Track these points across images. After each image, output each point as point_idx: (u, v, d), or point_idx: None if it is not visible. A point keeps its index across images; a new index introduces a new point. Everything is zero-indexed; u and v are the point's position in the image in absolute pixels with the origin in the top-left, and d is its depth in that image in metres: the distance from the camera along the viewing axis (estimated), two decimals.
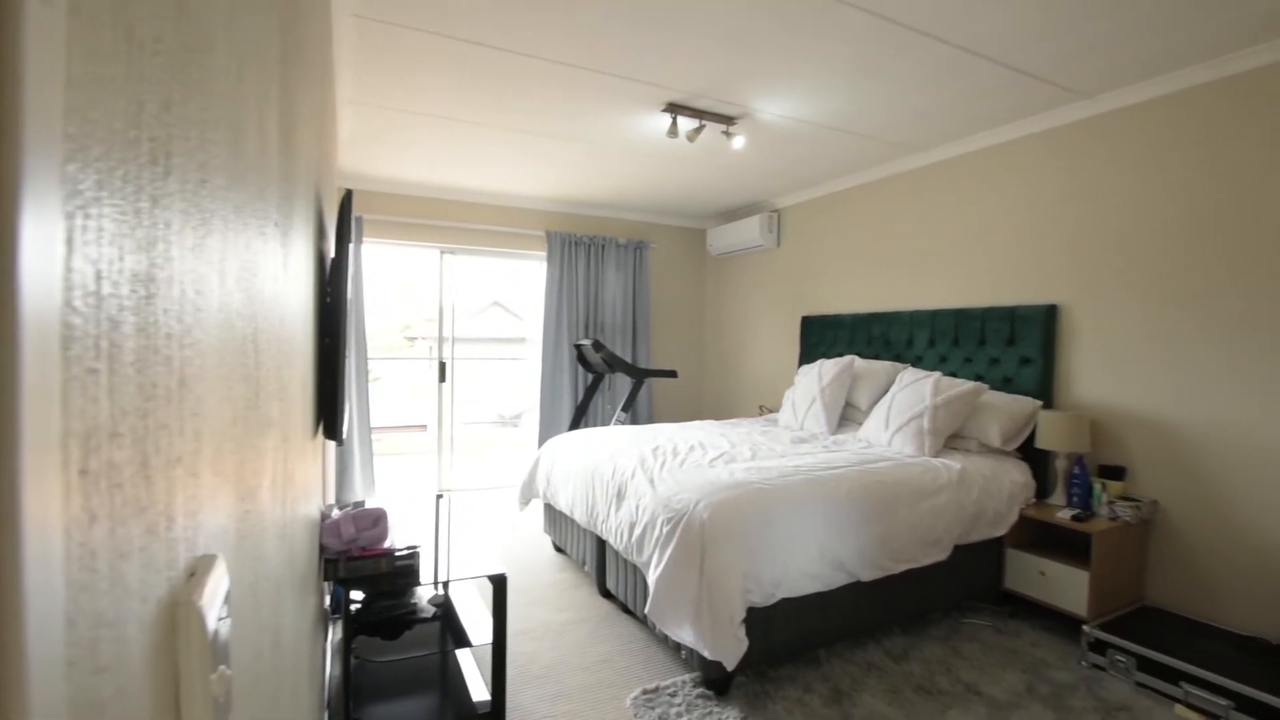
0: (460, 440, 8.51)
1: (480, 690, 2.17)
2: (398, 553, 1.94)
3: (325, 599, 2.35)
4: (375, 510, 1.99)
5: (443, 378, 5.14)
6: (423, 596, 2.26)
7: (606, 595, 2.99)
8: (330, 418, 1.72)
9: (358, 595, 2.07)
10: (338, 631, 2.41)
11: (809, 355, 4.58)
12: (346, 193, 1.78)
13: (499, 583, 2.02)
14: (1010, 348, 3.24)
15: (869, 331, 4.09)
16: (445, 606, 2.26)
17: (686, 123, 3.24)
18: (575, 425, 4.96)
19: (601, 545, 2.93)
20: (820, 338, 4.51)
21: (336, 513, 2.00)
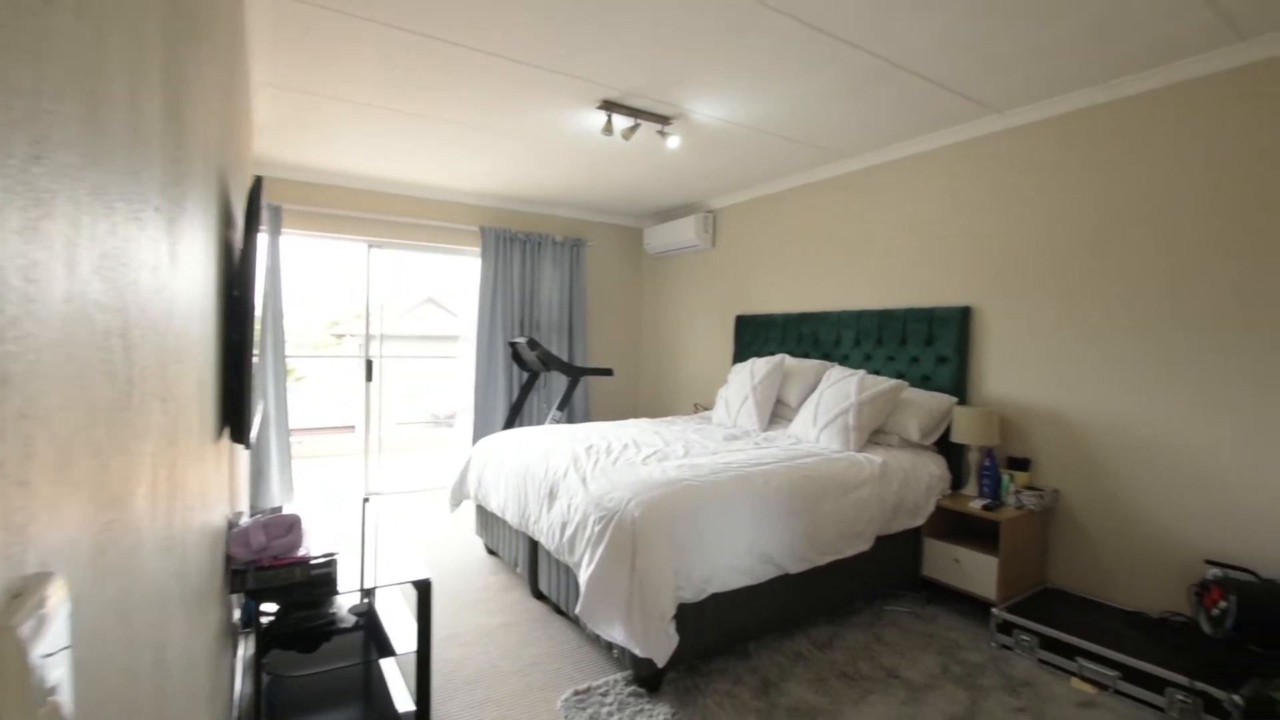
0: (392, 441, 8.23)
1: (405, 700, 2.10)
2: (313, 561, 1.85)
3: (235, 612, 2.21)
4: (288, 517, 1.89)
5: (370, 377, 4.95)
6: (343, 606, 2.16)
7: (539, 597, 2.95)
8: (238, 420, 1.62)
9: (271, 607, 1.97)
10: (250, 646, 2.28)
11: (742, 354, 4.67)
12: (255, 180, 1.67)
13: (423, 589, 1.96)
14: (929, 347, 3.40)
15: (799, 331, 4.20)
16: (369, 615, 2.17)
17: (622, 121, 3.23)
18: (510, 424, 4.88)
19: (534, 546, 2.89)
20: (753, 337, 4.60)
21: (246, 520, 1.89)
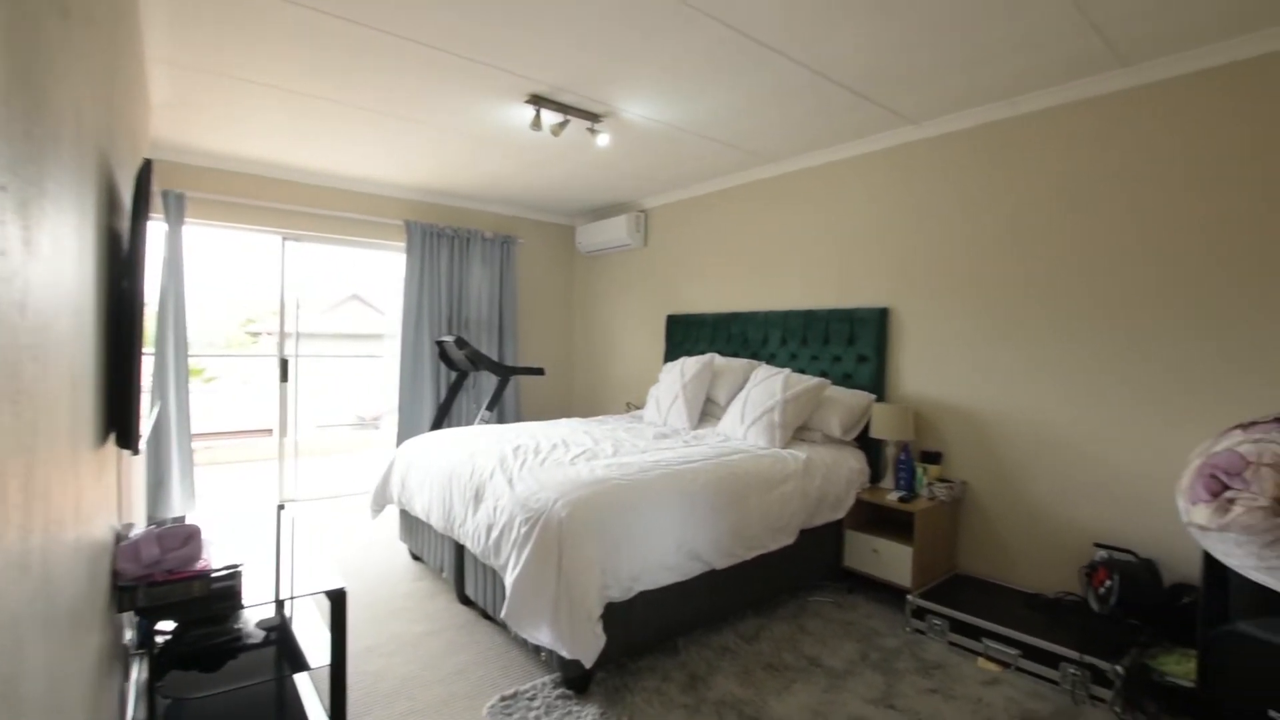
0: (312, 445, 7.84)
1: (319, 716, 2.00)
2: (214, 574, 1.73)
3: (127, 633, 2.04)
4: (186, 527, 1.75)
5: (285, 377, 4.69)
6: (250, 620, 2.04)
7: (466, 602, 2.87)
8: (124, 424, 1.49)
9: (168, 625, 1.83)
10: (145, 669, 2.11)
11: (673, 353, 4.71)
12: (144, 163, 1.54)
13: (337, 599, 1.87)
14: (850, 346, 3.54)
15: (729, 330, 4.28)
16: (281, 629, 2.05)
17: (551, 117, 3.19)
18: (438, 426, 4.74)
19: (460, 551, 2.82)
20: (684, 336, 4.65)
21: (137, 533, 1.74)
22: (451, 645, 2.55)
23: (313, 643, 2.02)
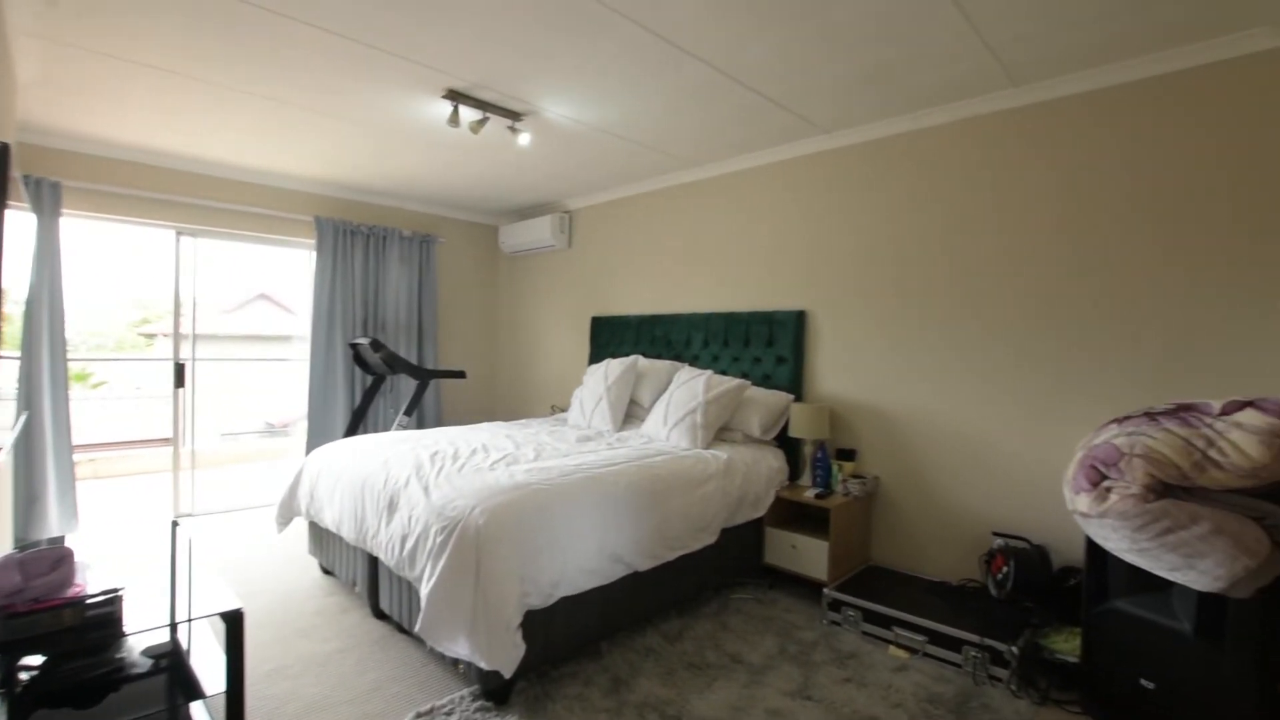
0: (219, 454, 7.29)
1: None
2: (89, 600, 1.57)
3: None
4: (54, 550, 1.59)
5: (181, 382, 4.35)
6: (135, 649, 1.87)
7: (381, 617, 2.75)
8: None
9: (36, 659, 1.65)
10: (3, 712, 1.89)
11: (598, 355, 4.70)
12: (1, 146, 1.38)
13: (233, 620, 1.74)
14: (769, 348, 3.63)
15: (653, 332, 4.31)
16: (173, 655, 1.89)
17: (469, 113, 3.11)
18: (352, 432, 4.53)
19: (374, 563, 2.69)
20: (609, 338, 4.64)
21: None
22: (364, 662, 2.44)
23: (212, 668, 1.88)
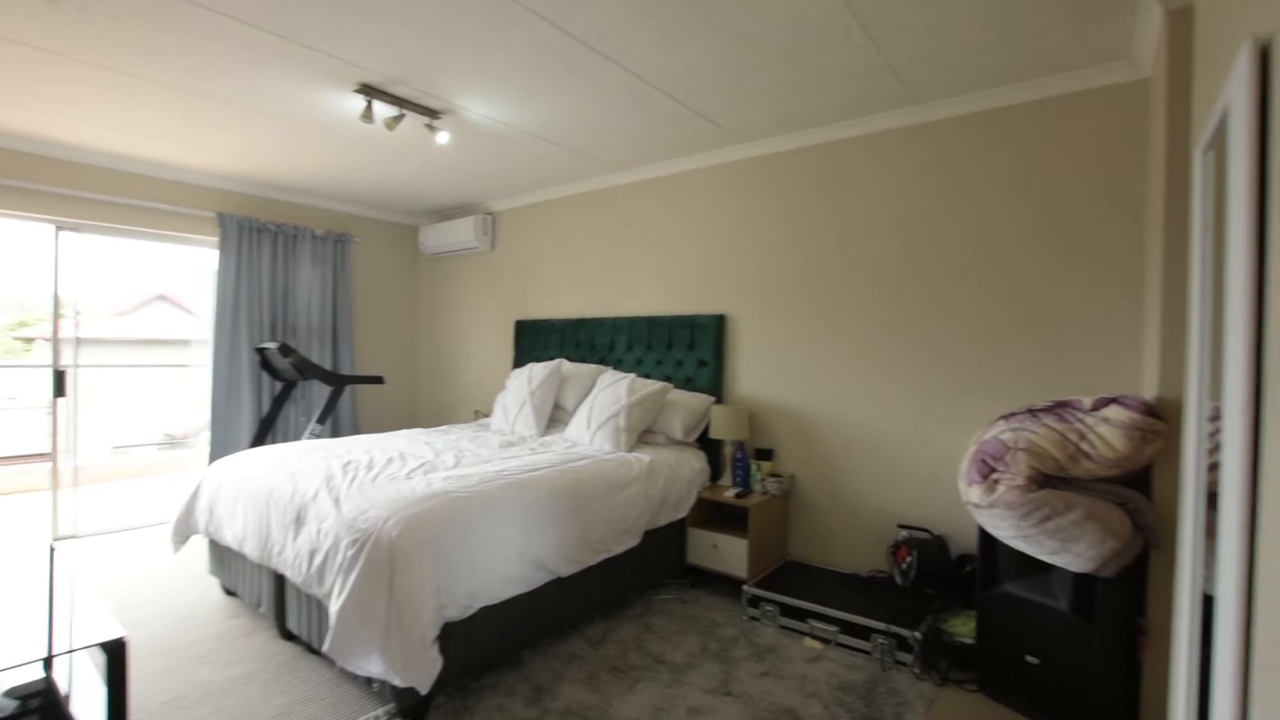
0: (109, 469, 6.68)
1: None
2: None
3: None
4: None
5: (61, 391, 3.98)
6: None
7: (289, 638, 2.60)
8: None
9: None
10: None
11: (522, 359, 4.64)
12: None
13: (114, 651, 1.61)
14: (691, 351, 3.70)
15: (577, 336, 4.29)
16: (44, 695, 1.73)
17: (384, 109, 3.00)
18: (259, 442, 4.27)
19: (280, 581, 2.55)
20: (533, 342, 4.60)
21: None
22: (270, 687, 2.30)
23: (94, 706, 1.73)
